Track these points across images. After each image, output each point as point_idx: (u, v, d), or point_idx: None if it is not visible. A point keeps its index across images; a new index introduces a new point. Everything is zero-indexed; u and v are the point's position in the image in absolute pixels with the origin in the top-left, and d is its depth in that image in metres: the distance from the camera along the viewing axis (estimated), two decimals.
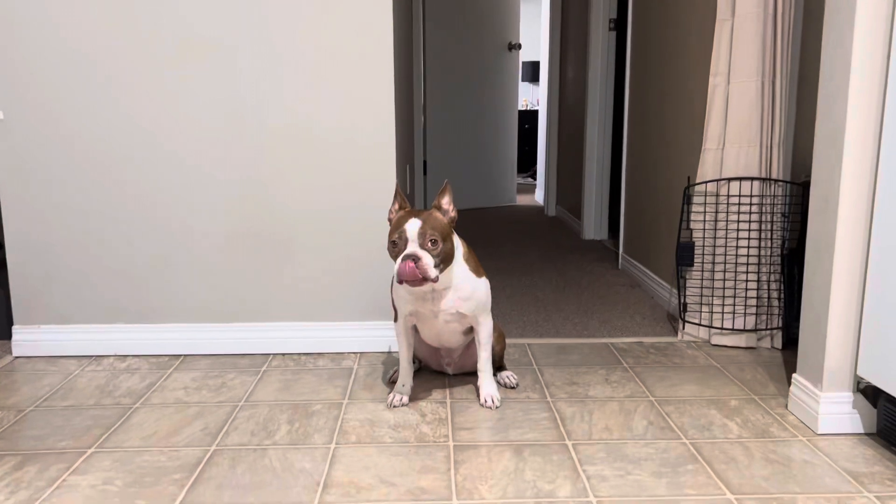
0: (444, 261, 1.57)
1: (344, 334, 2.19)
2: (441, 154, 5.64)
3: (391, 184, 1.99)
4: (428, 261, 1.53)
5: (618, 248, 3.69)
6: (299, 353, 2.19)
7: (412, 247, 1.55)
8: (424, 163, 5.19)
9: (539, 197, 6.51)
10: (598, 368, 2.08)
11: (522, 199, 6.89)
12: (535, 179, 8.02)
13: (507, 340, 2.22)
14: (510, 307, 2.79)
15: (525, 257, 3.90)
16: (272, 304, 2.12)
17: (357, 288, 2.13)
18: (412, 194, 2.75)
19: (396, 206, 1.66)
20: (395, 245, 1.55)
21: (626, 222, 3.47)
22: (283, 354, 2.18)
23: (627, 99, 3.35)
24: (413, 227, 1.56)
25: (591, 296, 2.97)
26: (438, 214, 1.60)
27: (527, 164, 8.31)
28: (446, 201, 1.64)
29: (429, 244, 1.55)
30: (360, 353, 2.21)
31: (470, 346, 1.89)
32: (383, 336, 2.17)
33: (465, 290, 1.68)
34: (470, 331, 1.82)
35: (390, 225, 1.62)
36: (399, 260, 1.55)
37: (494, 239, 4.42)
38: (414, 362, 1.95)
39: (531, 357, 2.22)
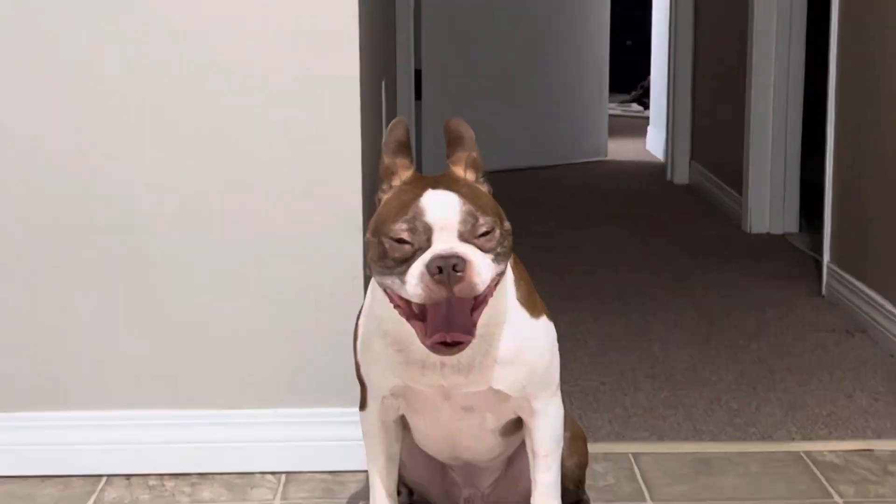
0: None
1: (254, 435, 2.22)
2: (451, 56, 5.47)
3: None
4: (483, 267, 1.51)
5: (819, 255, 3.49)
6: (161, 475, 2.19)
7: (448, 240, 1.52)
8: (417, 75, 5.04)
9: (655, 144, 6.28)
10: None
11: (620, 148, 6.60)
12: (644, 107, 7.76)
13: (593, 447, 2.08)
14: (595, 375, 2.72)
15: (623, 269, 3.79)
16: (110, 376, 2.22)
17: (283, 342, 2.21)
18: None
19: (398, 176, 1.64)
20: (403, 243, 1.53)
21: (839, 209, 3.38)
22: (129, 477, 2.18)
23: None
24: (445, 202, 1.54)
25: (765, 351, 2.88)
26: (475, 182, 1.62)
27: (629, 76, 7.99)
28: (475, 159, 1.64)
29: (480, 235, 1.53)
30: (287, 473, 2.18)
31: (514, 461, 1.87)
32: (335, 438, 2.21)
33: (508, 344, 1.66)
34: (513, 429, 1.79)
35: (381, 210, 1.60)
36: (417, 272, 1.51)
37: (557, 234, 4.30)
38: (399, 494, 1.90)
39: (641, 482, 2.14)
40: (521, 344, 1.64)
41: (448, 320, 1.49)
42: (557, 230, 4.26)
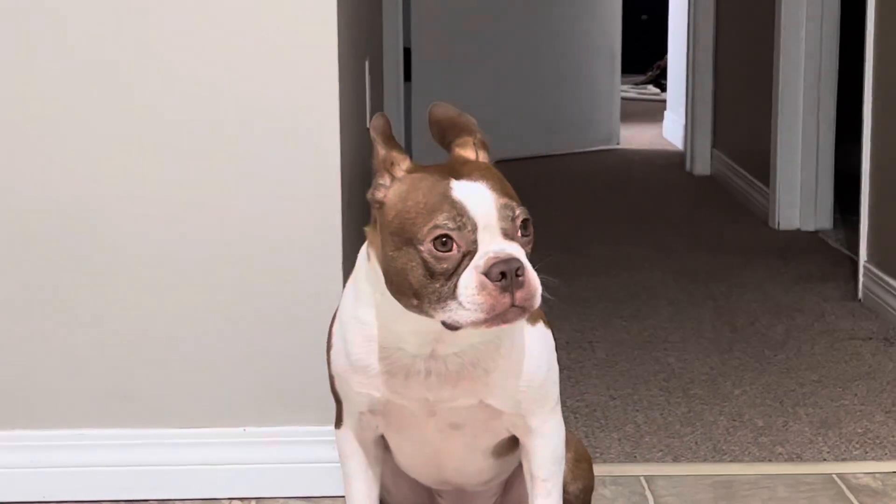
0: None
1: (220, 457, 2.21)
2: (445, 33, 5.48)
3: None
4: (531, 269, 1.53)
5: (855, 254, 3.50)
6: (117, 501, 2.20)
7: (495, 239, 1.52)
8: (406, 54, 5.00)
9: (673, 131, 6.29)
10: None
11: (634, 135, 6.65)
12: (661, 89, 7.78)
13: (601, 468, 2.18)
14: (603, 388, 2.73)
15: (636, 270, 3.80)
16: (59, 391, 2.21)
17: (252, 354, 2.21)
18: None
19: (398, 167, 1.60)
20: (446, 248, 1.50)
21: (877, 203, 3.40)
22: (80, 503, 2.19)
23: None
24: (481, 193, 1.53)
25: (794, 361, 2.88)
26: (490, 166, 1.63)
27: (643, 55, 8.06)
28: (483, 140, 1.65)
29: (519, 230, 1.54)
30: (257, 499, 2.20)
31: (511, 485, 1.88)
32: (310, 460, 2.22)
33: (501, 353, 1.66)
34: (508, 450, 1.79)
35: (398, 209, 1.55)
36: (475, 281, 1.48)
37: (563, 230, 4.28)
38: None
39: None
40: (515, 353, 1.63)
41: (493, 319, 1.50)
42: (563, 226, 4.29)
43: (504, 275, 1.46)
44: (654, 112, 6.89)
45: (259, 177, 2.15)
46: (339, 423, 1.75)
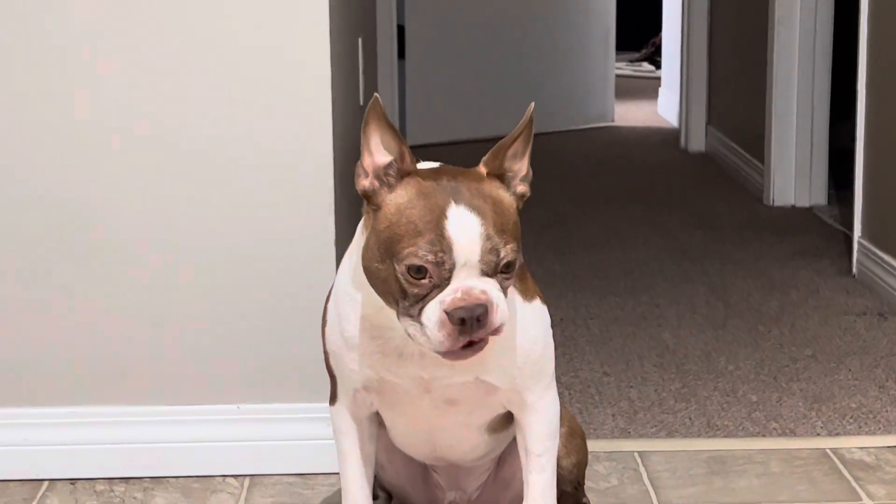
0: None
1: (214, 434, 2.22)
2: (438, 10, 5.46)
3: None
4: (502, 308, 1.53)
5: (850, 230, 3.54)
6: (110, 479, 2.19)
7: (469, 276, 1.52)
8: (400, 32, 5.05)
9: (667, 108, 6.30)
10: None
11: (628, 113, 6.66)
12: (656, 67, 7.85)
13: (595, 444, 2.19)
14: (597, 365, 2.74)
15: (630, 247, 3.82)
16: (52, 370, 2.21)
17: (246, 330, 2.21)
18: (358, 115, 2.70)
19: (406, 163, 1.59)
20: (420, 277, 1.52)
21: (871, 179, 3.42)
22: (73, 482, 2.19)
23: None
24: (470, 229, 1.52)
25: (788, 337, 2.90)
26: (501, 191, 1.59)
27: (638, 32, 8.05)
28: (519, 154, 1.60)
29: (501, 270, 1.54)
30: (250, 476, 2.20)
31: (505, 461, 1.89)
32: (304, 437, 2.22)
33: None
34: (503, 425, 1.81)
35: (392, 220, 1.55)
36: (436, 317, 1.50)
37: (557, 207, 4.31)
38: (375, 498, 1.94)
39: (648, 484, 2.15)
40: (511, 330, 1.62)
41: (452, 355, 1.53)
42: (557, 203, 4.29)
43: (464, 320, 1.50)
44: (648, 89, 6.90)
45: (250, 156, 2.15)
46: (333, 399, 1.75)
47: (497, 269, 1.54)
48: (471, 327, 1.51)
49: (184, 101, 2.14)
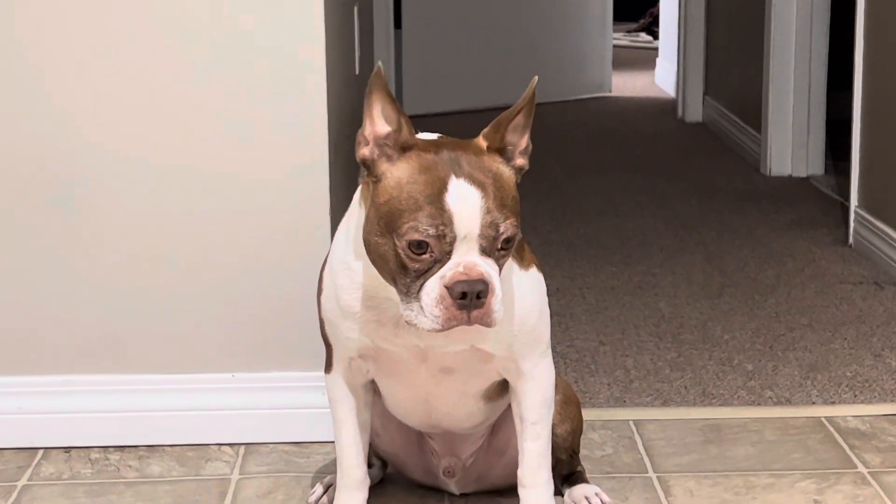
0: None
1: (209, 403, 2.22)
2: None
3: None
4: (496, 285, 1.53)
5: (846, 199, 3.54)
6: (105, 448, 2.19)
7: (469, 252, 1.53)
8: (396, 1, 5.04)
9: (665, 79, 6.32)
10: (799, 480, 2.04)
11: (626, 83, 6.66)
12: (653, 37, 7.82)
13: (591, 413, 2.21)
14: (593, 334, 2.75)
15: (627, 216, 3.82)
16: (47, 338, 2.20)
17: (240, 298, 2.20)
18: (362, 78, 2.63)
19: (405, 136, 1.58)
20: (421, 252, 1.52)
21: (868, 149, 3.41)
22: (68, 450, 2.18)
23: None
24: (471, 203, 1.52)
25: (784, 306, 2.91)
26: (501, 165, 1.59)
27: (636, 2, 8.08)
28: (521, 128, 1.60)
29: (500, 246, 1.54)
30: (245, 445, 2.21)
31: (499, 428, 1.90)
32: (299, 406, 2.22)
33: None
34: (498, 393, 1.82)
35: (392, 194, 1.54)
36: (436, 292, 1.51)
37: (554, 177, 4.31)
38: (370, 466, 1.94)
39: (643, 452, 2.17)
40: (507, 298, 1.61)
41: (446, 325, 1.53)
42: (554, 173, 4.29)
43: (465, 294, 1.50)
44: (646, 60, 6.91)
45: (245, 123, 2.13)
46: (328, 367, 1.75)
47: (496, 245, 1.54)
48: (470, 302, 1.51)
49: (178, 63, 2.12)
